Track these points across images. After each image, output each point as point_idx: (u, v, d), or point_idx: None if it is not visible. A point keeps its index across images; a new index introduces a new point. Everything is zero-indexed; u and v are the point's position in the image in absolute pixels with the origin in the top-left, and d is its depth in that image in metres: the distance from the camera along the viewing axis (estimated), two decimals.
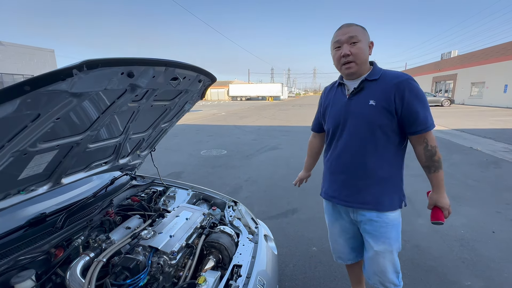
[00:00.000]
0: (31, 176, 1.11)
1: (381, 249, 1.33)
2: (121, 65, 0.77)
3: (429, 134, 1.21)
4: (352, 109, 1.29)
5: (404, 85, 1.17)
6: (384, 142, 1.25)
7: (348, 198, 1.37)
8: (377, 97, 1.22)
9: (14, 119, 0.69)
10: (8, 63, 14.42)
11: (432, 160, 1.22)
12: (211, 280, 1.16)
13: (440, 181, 1.24)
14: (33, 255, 1.17)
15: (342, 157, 1.36)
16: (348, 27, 1.22)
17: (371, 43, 1.26)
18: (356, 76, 1.28)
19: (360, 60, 1.22)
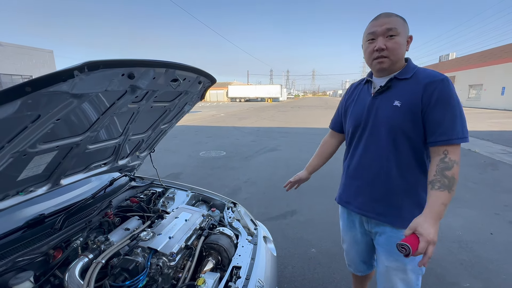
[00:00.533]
0: (30, 177, 1.11)
1: (393, 265, 1.19)
2: (122, 66, 0.77)
3: (454, 146, 1.01)
4: (375, 109, 1.17)
5: (434, 86, 1.02)
6: (408, 148, 1.10)
7: (363, 206, 1.25)
8: (404, 98, 1.07)
9: (14, 120, 0.69)
10: (6, 64, 14.38)
11: (442, 174, 0.98)
12: (210, 281, 1.16)
13: (437, 204, 0.95)
14: (32, 257, 1.16)
15: (360, 161, 1.24)
16: (387, 17, 1.07)
17: (409, 37, 1.11)
18: (386, 73, 1.14)
19: (395, 56, 1.08)
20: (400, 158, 1.12)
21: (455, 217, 3.05)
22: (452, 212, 3.17)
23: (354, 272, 1.54)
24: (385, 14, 1.08)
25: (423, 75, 1.07)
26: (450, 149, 1.01)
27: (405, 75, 1.10)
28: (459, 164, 1.00)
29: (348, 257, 1.52)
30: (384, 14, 1.08)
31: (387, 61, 1.08)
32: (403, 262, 1.16)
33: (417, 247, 0.88)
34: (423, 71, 1.09)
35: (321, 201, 3.48)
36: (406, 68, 1.12)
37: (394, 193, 1.15)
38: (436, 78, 1.03)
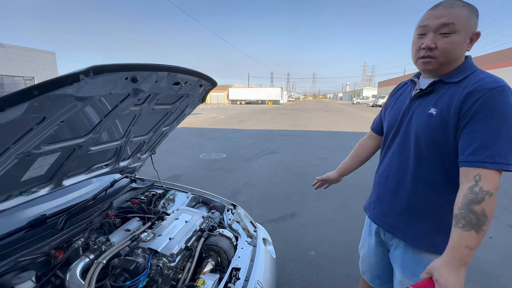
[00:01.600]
0: (33, 178, 1.13)
1: (406, 282, 1.09)
2: (126, 70, 0.79)
3: (488, 173, 0.80)
4: (410, 114, 1.04)
5: (480, 95, 0.83)
6: (437, 164, 0.95)
7: (379, 215, 1.18)
8: (442, 105, 0.92)
9: (21, 121, 0.71)
10: (9, 65, 14.45)
11: (469, 209, 0.79)
12: (210, 282, 1.17)
13: (460, 246, 0.77)
14: (33, 257, 1.18)
15: (385, 169, 1.15)
16: (449, 7, 0.88)
17: (476, 34, 0.90)
18: (435, 74, 0.99)
19: (447, 57, 0.91)
20: (425, 174, 0.98)
21: None
22: None
23: (368, 281, 1.40)
24: (444, 3, 0.89)
25: (474, 80, 0.88)
26: (484, 175, 0.81)
27: (454, 78, 0.93)
28: (494, 196, 0.80)
29: (363, 264, 1.42)
30: (444, 3, 0.89)
31: (434, 62, 0.93)
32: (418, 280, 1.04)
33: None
34: (477, 75, 0.89)
35: (322, 204, 3.49)
36: (459, 69, 0.93)
37: (414, 211, 1.04)
38: (484, 87, 0.83)
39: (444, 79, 0.95)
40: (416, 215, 1.04)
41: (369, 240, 1.33)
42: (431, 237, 1.00)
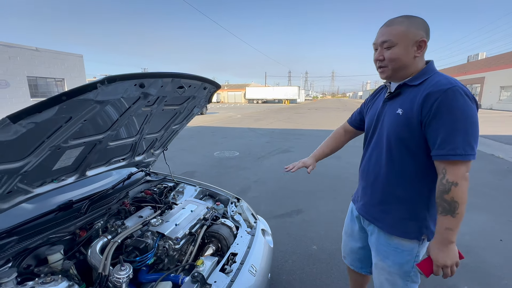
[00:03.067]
0: (62, 168, 1.34)
1: (379, 264, 1.24)
2: (134, 78, 0.96)
3: (453, 164, 0.93)
4: (382, 115, 1.18)
5: (436, 96, 0.94)
6: (407, 158, 1.07)
7: (363, 208, 1.31)
8: (406, 105, 1.05)
9: (53, 120, 0.89)
10: (42, 68, 15.64)
11: (441, 198, 0.95)
12: (208, 263, 1.32)
13: (442, 229, 0.96)
14: (62, 234, 1.39)
15: (365, 165, 1.29)
16: (387, 27, 1.06)
17: (420, 41, 1.02)
18: (399, 79, 1.11)
19: (395, 65, 1.06)
20: (398, 168, 1.10)
21: (465, 222, 3.00)
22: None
23: (348, 264, 1.58)
24: (387, 23, 1.07)
25: (431, 83, 1.00)
26: (448, 168, 0.95)
27: (415, 81, 1.05)
28: (463, 184, 0.93)
29: (345, 248, 1.57)
30: (386, 23, 1.07)
31: (387, 70, 1.09)
32: (388, 264, 1.20)
33: (431, 271, 1.01)
34: (434, 78, 1.01)
35: (328, 202, 3.55)
36: (420, 73, 1.06)
37: (389, 200, 1.16)
38: (439, 88, 0.95)
39: (408, 82, 1.08)
40: (391, 204, 1.16)
41: (352, 225, 1.46)
42: (405, 224, 1.13)
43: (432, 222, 1.11)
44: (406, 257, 1.15)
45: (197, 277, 1.17)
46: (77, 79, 17.58)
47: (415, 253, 1.14)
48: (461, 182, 0.93)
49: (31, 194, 1.26)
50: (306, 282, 2.07)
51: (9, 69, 14.22)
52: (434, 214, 1.08)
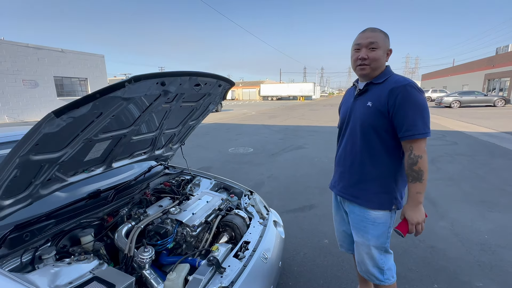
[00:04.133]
0: (92, 159, 1.47)
1: (359, 241, 1.43)
2: (156, 77, 1.06)
3: (417, 142, 1.20)
4: (354, 109, 1.39)
5: (398, 91, 1.20)
6: (377, 142, 1.30)
7: (343, 189, 1.48)
8: (375, 99, 1.28)
9: (86, 116, 1.01)
10: (68, 68, 16.51)
11: (411, 169, 1.21)
12: (223, 249, 1.42)
13: (413, 193, 1.22)
14: (91, 220, 1.54)
15: (342, 152, 1.48)
16: (372, 31, 1.28)
17: (389, 50, 1.31)
18: (367, 79, 1.35)
19: (374, 65, 1.28)
20: (371, 150, 1.32)
21: (485, 221, 2.93)
22: (482, 215, 3.04)
23: (346, 251, 1.71)
24: (370, 29, 1.30)
25: (392, 81, 1.26)
26: (414, 145, 1.20)
27: (379, 80, 1.30)
28: (424, 156, 1.20)
29: (338, 235, 1.71)
30: (370, 28, 1.30)
31: (368, 68, 1.29)
32: (367, 238, 1.39)
33: (407, 230, 1.26)
34: (393, 78, 1.28)
35: None
36: (382, 74, 1.31)
37: (365, 179, 1.37)
38: (399, 84, 1.21)
39: (374, 81, 1.32)
40: (367, 183, 1.37)
41: (339, 212, 1.62)
42: (379, 197, 1.34)
43: (399, 193, 1.35)
44: (382, 228, 1.37)
45: (212, 261, 1.26)
46: (99, 78, 18.39)
47: (388, 224, 1.38)
48: (424, 155, 1.20)
49: (65, 182, 1.41)
50: (317, 273, 2.13)
51: (38, 70, 15.13)
52: (400, 187, 1.35)
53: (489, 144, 6.82)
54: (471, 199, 3.49)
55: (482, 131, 8.83)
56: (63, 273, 1.10)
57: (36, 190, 1.24)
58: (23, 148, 0.92)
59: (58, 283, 1.04)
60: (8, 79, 13.92)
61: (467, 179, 4.27)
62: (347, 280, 2.06)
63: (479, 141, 7.23)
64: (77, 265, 1.16)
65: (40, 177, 1.18)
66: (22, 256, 1.20)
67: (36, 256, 1.23)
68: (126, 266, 1.28)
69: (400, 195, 1.36)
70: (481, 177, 4.37)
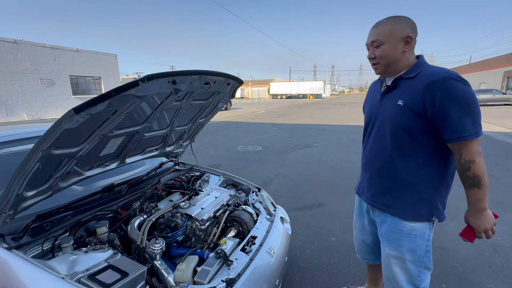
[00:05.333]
0: (107, 155, 1.55)
1: (392, 254, 1.26)
2: (168, 76, 1.11)
3: (466, 145, 1.02)
4: (381, 108, 1.24)
5: (437, 86, 1.02)
6: (412, 145, 1.14)
7: (372, 197, 1.33)
8: (406, 97, 1.11)
9: (103, 113, 1.07)
10: (82, 67, 17.02)
11: (464, 175, 1.06)
12: (230, 243, 1.46)
13: (473, 200, 1.09)
14: (106, 212, 1.62)
15: (369, 156, 1.33)
16: (375, 27, 1.17)
17: (407, 37, 1.11)
18: (391, 74, 1.20)
19: (385, 61, 1.15)
20: (404, 154, 1.16)
21: (498, 222, 2.82)
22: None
23: (361, 259, 1.64)
24: (374, 24, 1.18)
25: (427, 74, 1.07)
26: (463, 148, 1.03)
27: (410, 74, 1.13)
28: (478, 159, 1.03)
29: (356, 243, 1.63)
30: (374, 25, 1.18)
31: (379, 66, 1.19)
32: (402, 251, 1.23)
33: (475, 236, 1.15)
34: (428, 70, 1.09)
35: (349, 197, 3.54)
36: (413, 67, 1.14)
37: (398, 186, 1.21)
38: (437, 77, 1.02)
39: (403, 75, 1.15)
40: (401, 190, 1.21)
41: (361, 219, 1.50)
42: (416, 206, 1.18)
43: (440, 203, 1.18)
44: (418, 241, 1.20)
45: (220, 254, 1.31)
46: (112, 77, 18.84)
47: (426, 237, 1.20)
48: (477, 158, 1.03)
49: (82, 176, 1.48)
50: (323, 270, 2.14)
51: (55, 69, 15.66)
52: (442, 196, 1.18)
53: (506, 144, 6.59)
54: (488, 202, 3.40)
55: (499, 130, 8.53)
56: (81, 261, 1.17)
57: (56, 182, 1.32)
58: (45, 142, 0.99)
59: (76, 269, 1.12)
60: (27, 78, 14.48)
61: None
62: (354, 278, 2.06)
63: (496, 140, 7.00)
64: (93, 254, 1.23)
65: (59, 170, 1.26)
66: (43, 244, 1.29)
67: (55, 244, 1.31)
68: (139, 256, 1.34)
69: (442, 205, 1.19)
70: (497, 177, 4.24)
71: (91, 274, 1.10)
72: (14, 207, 1.17)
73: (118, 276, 1.08)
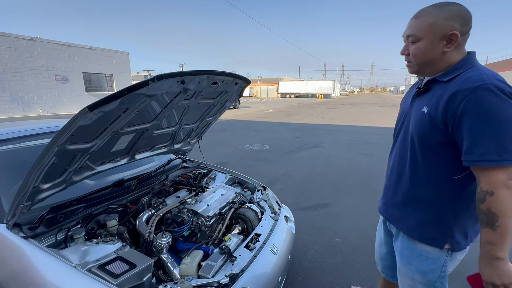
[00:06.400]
0: (117, 151, 1.60)
1: (402, 269, 1.18)
2: (177, 76, 1.15)
3: (484, 171, 0.85)
4: (410, 112, 1.09)
5: (463, 96, 0.85)
6: (430, 158, 1.00)
7: (384, 207, 1.25)
8: (431, 103, 0.96)
9: (115, 110, 1.12)
10: (95, 65, 17.42)
11: (479, 208, 0.86)
12: (235, 240, 1.49)
13: (483, 242, 0.87)
14: (116, 206, 1.68)
15: (390, 164, 1.23)
16: (414, 19, 0.98)
17: (451, 35, 0.91)
18: (428, 74, 1.03)
19: (419, 61, 0.99)
20: (420, 168, 1.03)
21: None
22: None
23: (380, 271, 1.50)
24: (416, 14, 0.98)
25: (461, 79, 0.89)
26: (481, 175, 0.86)
27: (445, 77, 0.95)
28: (498, 194, 0.82)
29: (376, 253, 1.49)
30: (416, 14, 0.98)
31: (412, 65, 1.03)
32: (411, 270, 1.12)
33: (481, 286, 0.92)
34: (466, 74, 0.90)
35: (356, 198, 3.53)
36: (452, 68, 0.95)
37: (411, 202, 1.09)
38: (467, 86, 0.85)
39: (437, 77, 0.99)
40: (412, 207, 1.09)
41: (380, 228, 1.40)
42: (426, 229, 1.05)
43: (459, 231, 1.00)
44: (431, 265, 1.06)
45: (224, 250, 1.34)
46: (123, 74, 19.20)
47: (442, 263, 1.05)
48: (498, 191, 0.82)
49: (94, 171, 1.54)
50: (326, 270, 2.16)
51: (69, 66, 16.08)
52: (463, 223, 1.00)
53: None
54: None
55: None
56: (92, 252, 1.23)
57: (69, 176, 1.38)
58: (61, 138, 1.04)
59: (87, 259, 1.17)
60: (43, 75, 14.93)
61: None
62: (357, 279, 2.07)
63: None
64: (103, 245, 1.28)
65: (73, 164, 1.32)
66: (57, 235, 1.35)
67: (68, 235, 1.38)
68: (146, 249, 1.40)
69: (462, 233, 1.00)
70: None
71: (101, 264, 1.15)
72: (31, 199, 1.24)
73: (127, 267, 1.13)
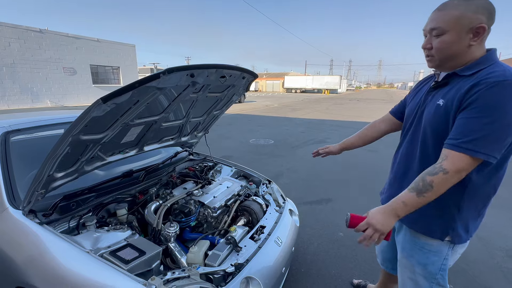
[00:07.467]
0: (127, 142, 1.64)
1: (403, 261, 1.20)
2: (186, 69, 1.17)
3: (455, 155, 0.86)
4: (424, 105, 1.08)
5: (482, 87, 0.84)
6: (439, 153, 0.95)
7: (387, 199, 1.15)
8: (449, 96, 0.95)
9: (126, 102, 1.15)
10: (102, 57, 17.53)
11: (422, 177, 0.90)
12: (240, 231, 1.53)
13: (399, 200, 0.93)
14: (125, 196, 1.73)
15: (398, 156, 1.22)
16: (439, 11, 0.93)
17: (478, 28, 0.87)
18: (447, 69, 1.00)
19: (443, 55, 0.95)
20: (431, 162, 0.97)
21: None
22: (510, 222, 2.88)
23: (380, 263, 1.57)
24: (440, 6, 0.94)
25: (485, 73, 0.87)
26: (450, 156, 0.87)
27: (467, 71, 0.93)
28: (450, 175, 0.86)
29: (377, 246, 1.55)
30: (439, 6, 0.95)
31: (434, 60, 0.99)
32: (411, 262, 1.15)
33: (355, 225, 0.98)
34: (489, 69, 0.88)
35: (360, 193, 3.54)
36: (474, 63, 0.93)
37: None
38: (490, 80, 0.83)
39: (458, 72, 0.96)
40: None
41: None
42: (428, 221, 1.07)
43: (462, 224, 1.02)
44: (432, 258, 1.09)
45: (230, 240, 1.38)
46: (130, 67, 19.28)
47: (443, 255, 1.07)
48: (452, 174, 0.86)
49: (105, 161, 1.59)
50: (329, 263, 2.19)
51: (76, 58, 16.21)
52: (466, 216, 1.01)
53: None
54: (506, 205, 3.30)
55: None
56: (103, 238, 1.28)
57: (81, 166, 1.43)
58: (75, 128, 1.08)
59: (99, 245, 1.22)
60: (51, 67, 15.10)
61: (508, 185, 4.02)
62: (360, 272, 2.10)
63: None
64: (114, 233, 1.33)
65: (85, 154, 1.36)
66: (70, 222, 1.41)
67: (80, 222, 1.43)
68: (154, 238, 1.44)
69: (464, 227, 1.03)
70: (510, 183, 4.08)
71: (112, 250, 1.20)
72: (46, 186, 1.28)
73: (136, 254, 1.18)
